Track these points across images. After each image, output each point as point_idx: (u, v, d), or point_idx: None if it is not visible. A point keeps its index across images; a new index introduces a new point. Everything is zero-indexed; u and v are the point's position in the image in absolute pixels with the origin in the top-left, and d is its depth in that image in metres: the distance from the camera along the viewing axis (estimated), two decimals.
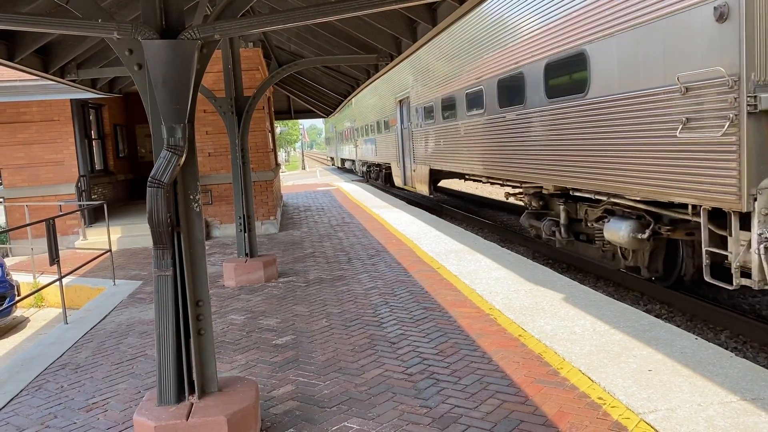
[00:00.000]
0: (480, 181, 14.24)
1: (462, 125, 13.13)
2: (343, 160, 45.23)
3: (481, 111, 11.69)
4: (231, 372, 5.07)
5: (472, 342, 5.34)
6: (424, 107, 16.31)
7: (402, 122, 19.86)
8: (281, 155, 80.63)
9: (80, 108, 13.69)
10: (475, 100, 12.15)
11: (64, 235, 12.38)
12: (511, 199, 13.40)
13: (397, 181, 21.48)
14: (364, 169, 32.28)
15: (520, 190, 11.53)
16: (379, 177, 28.18)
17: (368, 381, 4.65)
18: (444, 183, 22.96)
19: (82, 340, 6.36)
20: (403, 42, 8.48)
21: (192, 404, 3.77)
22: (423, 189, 17.43)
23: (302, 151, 70.18)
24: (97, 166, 15.25)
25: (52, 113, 13.18)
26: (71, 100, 13.06)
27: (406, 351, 5.24)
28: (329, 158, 64.18)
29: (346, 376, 4.79)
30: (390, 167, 23.43)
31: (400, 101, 19.77)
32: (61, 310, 7.34)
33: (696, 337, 5.04)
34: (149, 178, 3.58)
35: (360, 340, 5.61)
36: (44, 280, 10.17)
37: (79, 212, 12.68)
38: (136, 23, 3.57)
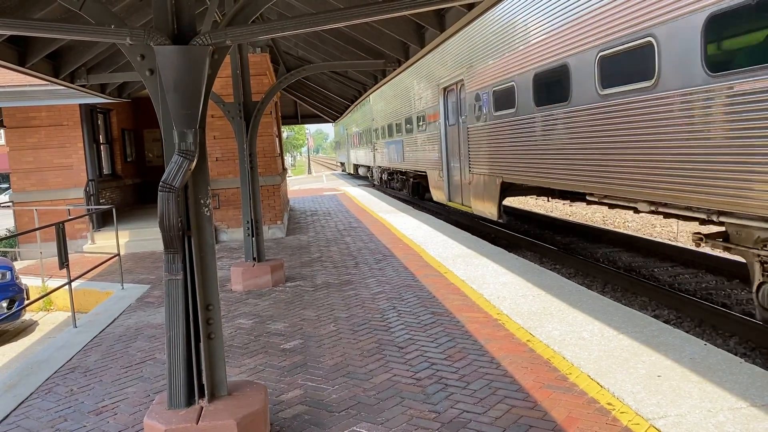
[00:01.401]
0: (605, 204, 8.87)
1: (585, 114, 8.24)
2: (356, 166, 40.00)
3: (649, 84, 6.78)
4: (239, 376, 5.08)
5: (480, 347, 5.33)
6: (494, 92, 11.27)
7: (446, 117, 14.97)
8: (287, 160, 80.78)
9: (89, 113, 13.78)
10: (627, 66, 7.26)
11: (72, 239, 12.44)
12: (706, 248, 9.18)
13: (437, 195, 16.29)
14: (384, 176, 27.20)
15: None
16: (404, 187, 23.31)
17: (377, 386, 4.66)
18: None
19: (91, 344, 6.39)
20: (411, 47, 8.50)
21: (202, 408, 3.78)
22: (486, 209, 12.13)
23: (308, 156, 70.38)
24: (105, 171, 15.33)
25: (61, 118, 13.27)
26: (80, 104, 13.14)
27: (414, 356, 5.25)
28: (339, 163, 59.50)
29: (355, 380, 4.80)
30: (424, 176, 18.28)
31: (446, 89, 14.85)
32: (69, 313, 7.38)
33: (705, 342, 5.03)
34: (161, 183, 3.61)
35: (368, 345, 5.62)
36: (53, 283, 10.22)
37: (87, 216, 12.75)
38: (148, 29, 3.60)
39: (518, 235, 13.50)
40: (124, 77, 9.35)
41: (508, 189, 11.61)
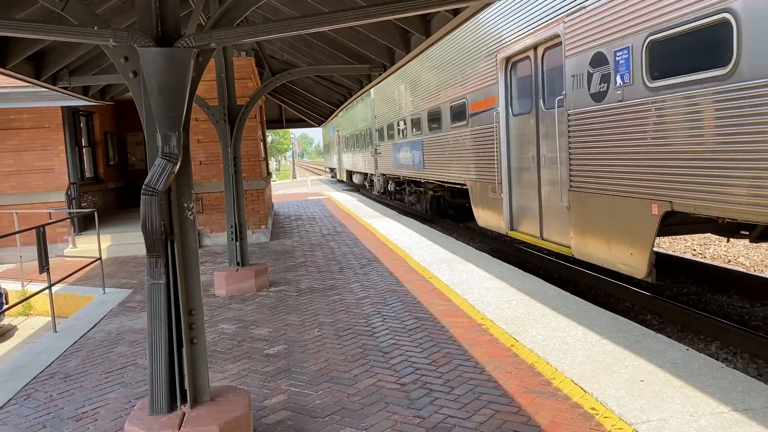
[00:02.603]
0: None
1: None
2: (349, 173, 34.78)
3: None
4: (222, 382, 5.04)
5: (464, 352, 5.33)
6: (653, 42, 6.29)
7: (510, 103, 10.04)
8: (272, 164, 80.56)
9: (71, 115, 13.63)
10: None
11: (53, 243, 12.28)
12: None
13: (488, 218, 11.22)
14: (391, 187, 22.28)
15: None
16: (421, 201, 18.24)
17: (361, 391, 4.64)
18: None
19: (71, 349, 6.30)
20: (396, 52, 8.52)
21: (184, 414, 3.74)
22: (617, 257, 7.25)
23: (293, 160, 70.25)
24: (87, 174, 15.16)
25: (42, 120, 13.11)
26: (62, 107, 13.00)
27: (398, 361, 5.23)
28: (327, 169, 54.56)
29: (339, 386, 4.77)
30: (454, 189, 15.01)
31: (512, 59, 9.85)
32: (50, 318, 7.28)
33: (687, 347, 5.07)
34: (144, 186, 3.57)
35: (352, 350, 5.60)
36: (33, 288, 10.08)
37: (68, 220, 12.60)
38: (132, 31, 3.57)
39: (503, 240, 13.53)
40: (107, 80, 9.26)
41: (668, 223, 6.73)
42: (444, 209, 17.10)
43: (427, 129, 15.18)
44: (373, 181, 26.24)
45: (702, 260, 9.81)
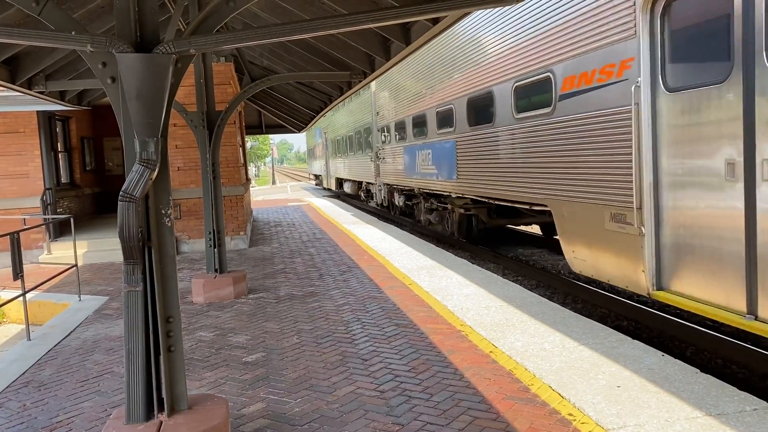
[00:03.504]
0: None
1: None
2: (340, 181, 30.28)
3: None
4: (200, 390, 4.99)
5: (443, 358, 5.35)
6: None
7: (661, 71, 5.98)
8: (251, 170, 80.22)
9: (47, 120, 13.46)
10: None
11: (27, 249, 12.10)
12: None
13: (598, 262, 7.22)
14: (400, 201, 17.64)
15: None
16: (445, 220, 14.10)
17: (340, 398, 4.63)
18: None
19: (45, 357, 6.21)
20: (376, 60, 8.54)
21: (161, 422, 3.70)
22: None
23: (273, 166, 69.99)
24: (63, 180, 14.97)
25: (17, 125, 12.92)
26: (38, 111, 12.83)
27: (378, 368, 5.23)
28: (311, 176, 48.85)
29: (318, 393, 4.76)
30: (498, 207, 11.96)
31: None
32: (23, 326, 7.16)
33: (662, 353, 5.13)
34: (121, 192, 3.54)
35: (332, 357, 5.58)
36: (6, 295, 9.89)
37: (44, 226, 12.42)
38: (110, 36, 3.55)
39: (481, 247, 13.61)
40: (84, 84, 9.16)
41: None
42: (478, 232, 12.94)
43: (466, 124, 11.31)
44: (370, 191, 22.20)
45: None
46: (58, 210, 13.52)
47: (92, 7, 6.97)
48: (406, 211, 17.72)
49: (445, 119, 12.53)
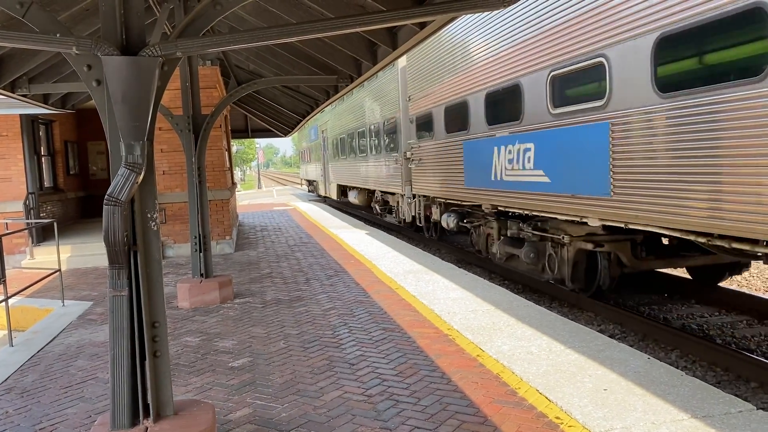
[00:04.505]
0: None
1: None
2: (343, 189, 25.04)
3: None
4: (186, 395, 4.95)
5: (431, 362, 5.35)
6: None
7: None
8: (237, 174, 79.89)
9: (30, 123, 13.32)
10: None
11: (10, 254, 11.96)
12: None
13: None
14: (451, 223, 12.40)
15: None
16: (552, 261, 9.11)
17: (327, 403, 4.61)
18: None
19: (28, 363, 6.12)
20: (363, 64, 8.54)
21: (147, 428, 3.67)
22: None
23: (258, 170, 69.81)
24: (47, 184, 14.82)
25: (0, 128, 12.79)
26: (21, 115, 12.69)
27: (365, 372, 5.22)
28: (303, 182, 42.53)
29: (305, 398, 4.73)
30: (647, 244, 8.29)
31: None
32: (5, 332, 7.06)
33: (648, 356, 5.17)
34: (106, 196, 3.51)
35: (319, 362, 5.56)
36: None
37: (26, 230, 12.28)
38: (95, 39, 3.52)
39: (468, 250, 13.63)
40: (69, 87, 9.07)
41: None
42: (610, 281, 8.45)
43: (644, 89, 6.23)
44: (388, 202, 17.98)
45: (666, 272, 9.99)
46: (42, 214, 13.38)
47: (77, 10, 6.91)
48: (450, 231, 13.01)
49: (579, 86, 7.50)
